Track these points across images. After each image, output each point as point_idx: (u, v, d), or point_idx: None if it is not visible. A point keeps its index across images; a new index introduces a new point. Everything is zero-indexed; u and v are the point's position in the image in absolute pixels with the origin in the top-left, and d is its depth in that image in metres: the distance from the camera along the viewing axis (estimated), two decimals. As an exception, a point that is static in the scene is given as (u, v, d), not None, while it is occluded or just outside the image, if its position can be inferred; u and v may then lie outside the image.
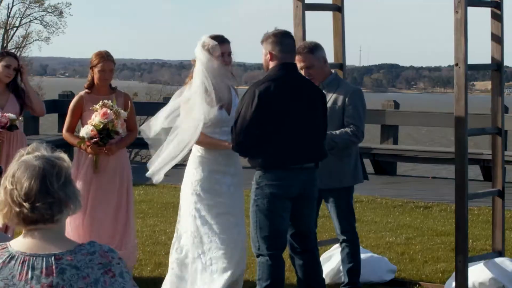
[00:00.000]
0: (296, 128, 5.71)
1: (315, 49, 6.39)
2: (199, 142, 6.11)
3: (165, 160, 6.16)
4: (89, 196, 6.77)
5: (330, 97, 6.40)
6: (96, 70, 6.82)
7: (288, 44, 5.80)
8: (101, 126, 6.56)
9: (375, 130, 16.77)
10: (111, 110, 6.59)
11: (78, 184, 6.54)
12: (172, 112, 6.20)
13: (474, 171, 15.17)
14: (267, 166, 5.72)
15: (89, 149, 6.72)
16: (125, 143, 6.93)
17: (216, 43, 5.99)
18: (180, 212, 6.26)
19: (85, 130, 6.67)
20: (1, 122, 6.92)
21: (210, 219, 6.06)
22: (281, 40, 5.78)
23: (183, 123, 6.07)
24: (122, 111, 6.71)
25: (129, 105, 6.90)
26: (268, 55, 5.80)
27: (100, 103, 6.64)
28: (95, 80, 6.86)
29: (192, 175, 6.14)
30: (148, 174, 6.25)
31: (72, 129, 6.96)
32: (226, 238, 6.06)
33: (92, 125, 6.60)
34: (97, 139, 6.62)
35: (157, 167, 6.19)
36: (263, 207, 5.73)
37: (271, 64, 5.80)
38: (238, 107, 5.76)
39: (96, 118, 6.60)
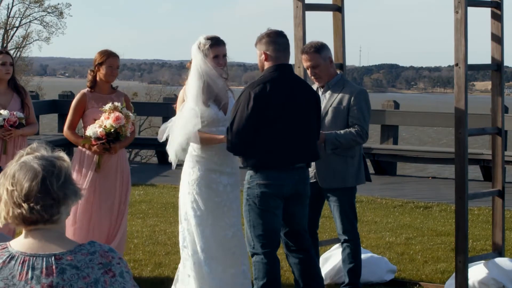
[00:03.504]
0: (289, 128, 5.71)
1: (321, 48, 6.40)
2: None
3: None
4: (94, 197, 6.77)
5: (336, 98, 6.41)
6: (103, 66, 6.83)
7: (282, 43, 5.80)
8: (111, 130, 6.58)
9: (375, 130, 16.77)
10: (121, 113, 6.61)
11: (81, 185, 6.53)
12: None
13: (474, 171, 15.17)
14: (259, 166, 5.72)
15: (94, 148, 6.71)
16: (125, 143, 6.93)
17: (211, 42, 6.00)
18: (179, 212, 6.25)
19: (93, 130, 6.67)
20: (11, 120, 7.02)
21: (206, 218, 6.05)
22: (275, 40, 5.77)
23: (177, 119, 6.08)
24: (131, 114, 6.74)
25: (129, 106, 6.93)
26: (263, 56, 5.80)
27: (110, 104, 6.65)
28: (102, 77, 6.86)
29: (188, 175, 6.14)
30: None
31: (74, 127, 6.96)
32: (222, 238, 6.05)
33: (102, 127, 6.61)
34: (104, 140, 6.63)
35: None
36: (255, 206, 5.73)
37: (266, 65, 5.80)
38: (234, 108, 5.75)
39: (107, 121, 6.60)
